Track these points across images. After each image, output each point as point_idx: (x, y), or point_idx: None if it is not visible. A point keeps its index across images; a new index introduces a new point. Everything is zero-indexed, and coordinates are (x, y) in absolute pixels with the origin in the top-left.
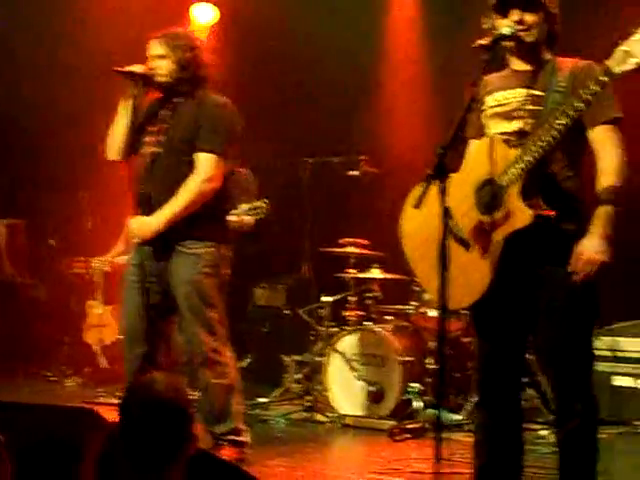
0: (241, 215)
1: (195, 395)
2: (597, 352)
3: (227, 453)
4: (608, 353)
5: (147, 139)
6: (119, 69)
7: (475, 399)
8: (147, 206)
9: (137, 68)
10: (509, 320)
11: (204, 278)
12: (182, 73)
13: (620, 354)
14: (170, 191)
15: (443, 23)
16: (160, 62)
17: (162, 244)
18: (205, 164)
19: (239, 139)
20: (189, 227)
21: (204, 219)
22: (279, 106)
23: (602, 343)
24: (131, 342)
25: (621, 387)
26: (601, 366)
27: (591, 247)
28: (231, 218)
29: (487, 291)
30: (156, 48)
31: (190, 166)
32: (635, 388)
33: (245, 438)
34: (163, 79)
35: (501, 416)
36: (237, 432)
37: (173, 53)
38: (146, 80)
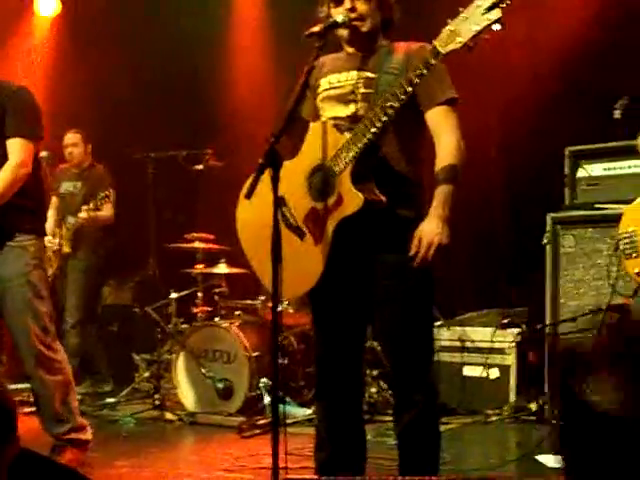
0: (91, 210)
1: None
2: (448, 343)
3: (68, 456)
4: (458, 343)
5: None
6: None
7: None
8: None
9: None
10: (345, 309)
11: (33, 270)
12: None
13: (470, 344)
14: None
15: (287, 16)
16: None
17: None
18: (16, 149)
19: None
20: (14, 220)
21: (28, 212)
22: (124, 100)
23: (452, 333)
24: None
25: (471, 377)
26: (452, 356)
27: (430, 230)
28: (82, 215)
29: (321, 280)
30: None
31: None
32: (484, 377)
33: (87, 435)
34: None
35: (339, 408)
36: (79, 428)
37: None
38: None
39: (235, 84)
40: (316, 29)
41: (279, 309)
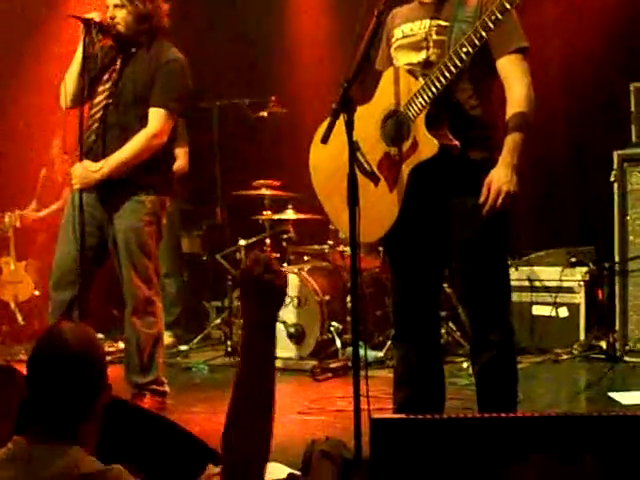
0: None
1: (116, 345)
2: (516, 283)
3: (148, 402)
4: (527, 283)
5: (100, 88)
6: (77, 15)
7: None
8: (94, 155)
9: (95, 16)
10: (421, 253)
11: (145, 226)
12: (139, 25)
13: (538, 284)
14: (117, 142)
15: None
16: (117, 12)
17: (106, 191)
18: (156, 119)
19: (191, 95)
20: (134, 175)
21: (150, 169)
22: (184, 50)
23: (520, 273)
24: (59, 286)
25: (540, 316)
26: (521, 296)
27: (499, 177)
28: None
29: (396, 223)
30: None
31: (138, 119)
32: (554, 316)
33: (166, 388)
34: (119, 29)
35: (419, 349)
36: (159, 382)
37: (130, 4)
38: (102, 29)
39: (298, 30)
40: None
41: (347, 253)
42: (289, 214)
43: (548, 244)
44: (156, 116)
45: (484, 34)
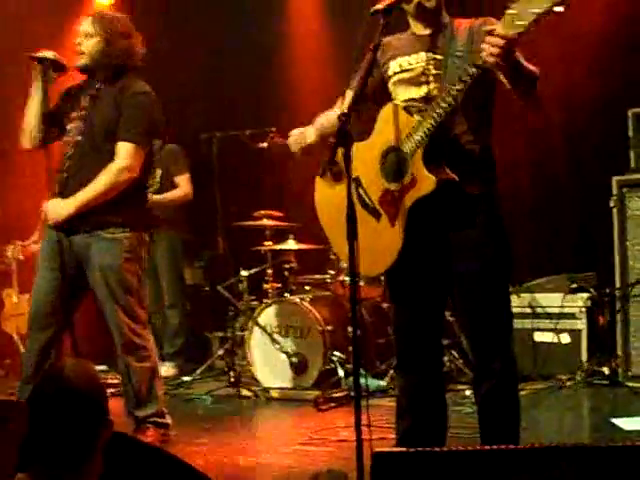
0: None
1: (115, 379)
2: (518, 309)
3: (151, 435)
4: (528, 310)
5: (69, 126)
6: (32, 54)
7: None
8: (64, 191)
9: (48, 54)
10: (423, 284)
11: (123, 263)
12: (105, 58)
13: (539, 310)
14: (87, 178)
15: None
16: (86, 40)
17: (80, 229)
18: (124, 153)
19: (160, 128)
20: (108, 213)
21: (124, 205)
22: (185, 81)
23: (522, 300)
24: (38, 326)
25: (542, 343)
26: (522, 323)
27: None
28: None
29: (399, 258)
30: (86, 25)
31: (109, 154)
32: (555, 343)
33: (167, 420)
34: (83, 60)
35: (421, 379)
36: (160, 414)
37: (102, 35)
38: (57, 67)
39: (297, 62)
40: (380, 6)
41: (349, 282)
42: (290, 244)
43: (549, 271)
44: (123, 150)
45: (473, 71)
